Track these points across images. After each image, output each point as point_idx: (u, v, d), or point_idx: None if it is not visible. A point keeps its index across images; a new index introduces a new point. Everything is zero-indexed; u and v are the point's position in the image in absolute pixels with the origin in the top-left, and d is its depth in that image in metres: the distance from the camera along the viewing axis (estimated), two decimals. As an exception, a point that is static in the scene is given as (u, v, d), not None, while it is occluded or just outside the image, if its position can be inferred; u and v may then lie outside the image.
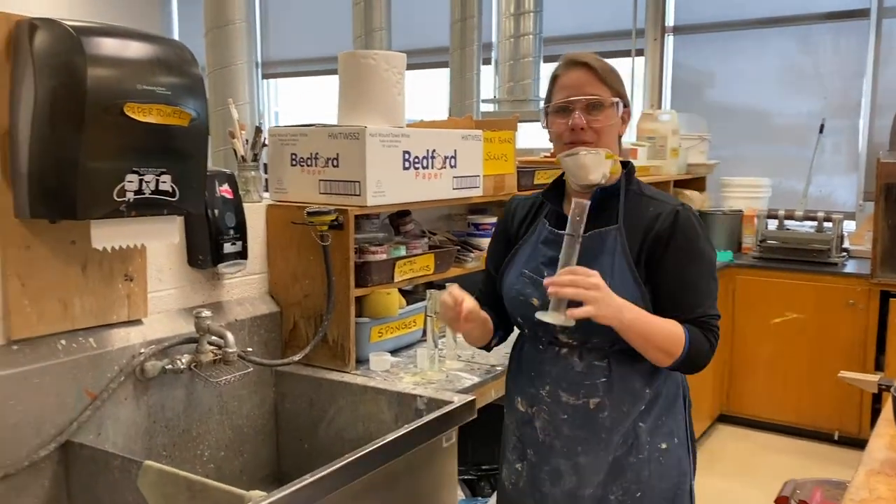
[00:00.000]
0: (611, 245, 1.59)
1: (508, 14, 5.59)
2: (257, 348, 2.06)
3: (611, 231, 1.59)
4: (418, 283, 2.39)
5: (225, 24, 4.75)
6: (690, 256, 1.58)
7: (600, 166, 1.59)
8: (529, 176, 2.84)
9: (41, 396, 1.57)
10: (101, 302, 1.70)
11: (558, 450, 1.66)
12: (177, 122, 1.52)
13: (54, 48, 1.42)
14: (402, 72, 2.18)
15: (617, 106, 1.61)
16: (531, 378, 1.70)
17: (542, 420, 1.68)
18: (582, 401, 1.63)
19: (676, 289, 1.57)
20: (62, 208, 1.47)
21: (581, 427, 1.63)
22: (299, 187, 2.15)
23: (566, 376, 1.64)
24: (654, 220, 1.59)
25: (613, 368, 1.61)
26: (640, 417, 1.63)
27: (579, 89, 1.59)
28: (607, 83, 1.60)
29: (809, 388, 4.23)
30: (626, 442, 1.62)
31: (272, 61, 7.78)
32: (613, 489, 1.62)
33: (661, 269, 1.57)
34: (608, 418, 1.62)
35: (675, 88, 5.76)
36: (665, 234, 1.57)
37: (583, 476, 1.64)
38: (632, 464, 1.62)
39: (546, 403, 1.67)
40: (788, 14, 5.23)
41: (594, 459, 1.63)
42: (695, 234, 1.59)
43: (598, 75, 1.60)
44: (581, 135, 1.58)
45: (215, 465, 1.97)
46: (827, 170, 5.12)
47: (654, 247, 1.57)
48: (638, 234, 1.59)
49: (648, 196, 1.65)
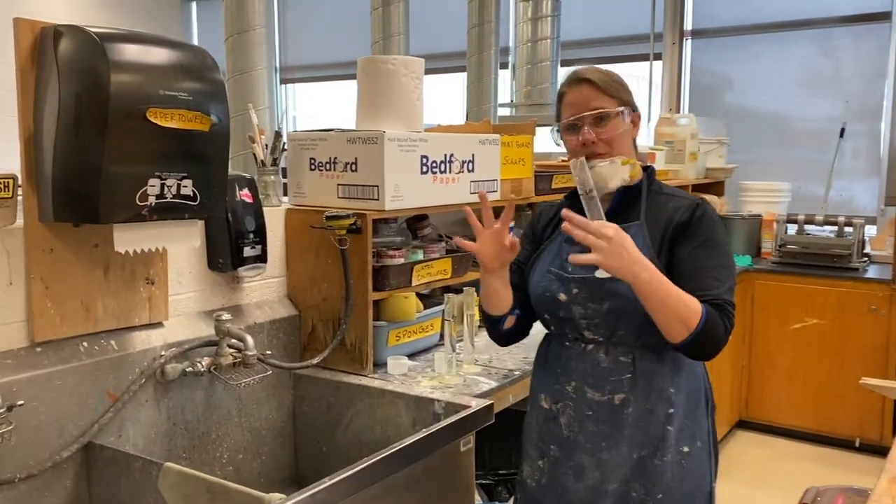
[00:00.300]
0: (632, 238, 1.59)
1: (526, 18, 5.60)
2: (276, 351, 2.07)
3: (632, 226, 1.63)
4: (436, 287, 2.39)
5: (245, 30, 4.79)
6: (706, 245, 1.61)
7: (617, 174, 1.65)
8: (547, 180, 2.84)
9: (64, 398, 1.59)
10: (122, 304, 1.72)
11: (582, 445, 1.68)
12: (198, 128, 1.54)
13: (78, 54, 1.44)
14: (420, 76, 2.19)
15: (623, 114, 1.66)
16: (557, 375, 1.73)
17: (566, 416, 1.70)
18: (607, 397, 1.66)
19: (693, 273, 1.58)
20: (85, 212, 1.48)
21: (605, 423, 1.66)
22: (318, 191, 2.17)
23: (592, 372, 1.67)
24: (674, 212, 1.64)
25: (638, 364, 1.64)
26: (668, 420, 1.65)
27: (584, 105, 1.65)
28: (610, 94, 1.65)
29: (830, 394, 4.19)
30: (653, 443, 1.65)
31: (290, 66, 7.82)
32: (636, 487, 1.65)
33: (678, 256, 1.61)
34: (632, 414, 1.64)
35: (694, 92, 5.73)
36: (683, 224, 1.62)
37: (606, 471, 1.66)
38: (656, 465, 1.64)
39: (571, 399, 1.70)
40: (808, 17, 5.19)
41: (617, 455, 1.65)
42: (711, 225, 1.62)
43: (601, 88, 1.65)
44: (593, 148, 1.65)
45: (234, 467, 1.98)
46: (847, 174, 5.08)
47: (674, 236, 1.62)
48: (659, 227, 1.63)
49: (668, 194, 1.71)
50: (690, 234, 1.61)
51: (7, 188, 1.46)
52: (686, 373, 1.68)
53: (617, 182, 1.65)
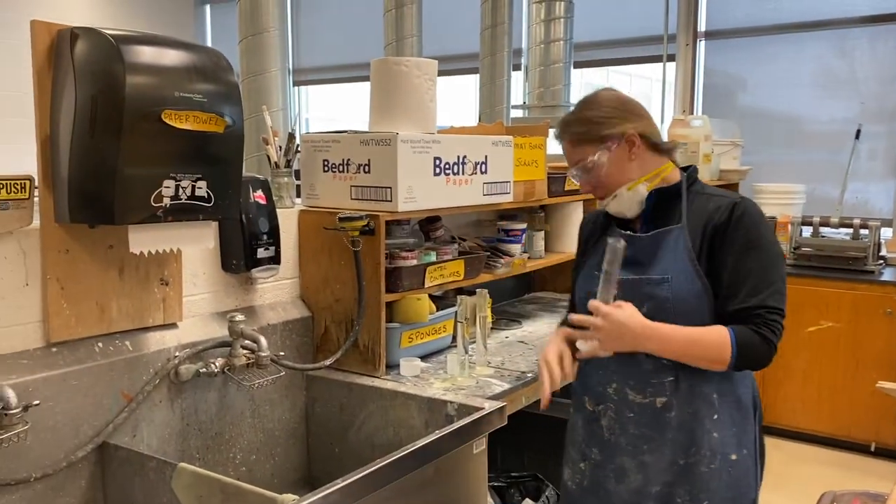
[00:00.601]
0: (672, 243, 1.63)
1: (539, 20, 5.59)
2: (289, 352, 2.08)
3: (673, 230, 1.64)
4: (448, 288, 2.39)
5: (259, 32, 4.80)
6: (747, 246, 1.58)
7: (632, 199, 1.68)
8: (560, 182, 2.84)
9: (79, 398, 1.60)
10: (137, 305, 1.73)
11: (623, 447, 1.68)
12: (213, 129, 1.54)
13: (94, 56, 1.45)
14: (433, 78, 2.19)
15: (602, 154, 1.66)
16: (599, 376, 1.73)
17: (608, 418, 1.71)
18: (649, 399, 1.65)
19: (733, 278, 1.58)
20: (101, 213, 1.49)
21: (647, 425, 1.66)
22: (331, 193, 2.17)
23: (634, 374, 1.67)
24: (714, 213, 1.62)
25: (681, 369, 1.62)
26: (713, 426, 1.64)
27: (570, 161, 1.72)
28: (586, 141, 1.67)
29: (845, 398, 4.15)
30: (700, 451, 1.63)
31: (302, 69, 7.85)
32: (681, 492, 1.64)
33: (719, 260, 1.59)
34: (675, 418, 1.63)
35: (707, 93, 5.69)
36: (722, 225, 1.60)
37: (648, 474, 1.66)
38: (703, 473, 1.63)
39: (613, 401, 1.70)
40: (824, 18, 5.15)
41: (659, 458, 1.65)
42: (752, 223, 1.60)
43: (575, 142, 1.69)
44: (594, 193, 1.72)
45: (247, 468, 1.99)
46: (863, 176, 5.03)
47: (713, 238, 1.60)
48: (699, 229, 1.62)
49: (709, 194, 1.69)
50: (731, 237, 1.58)
51: (24, 189, 1.47)
52: (732, 379, 1.66)
53: (633, 206, 1.69)
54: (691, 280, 1.59)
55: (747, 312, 1.55)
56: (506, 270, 2.62)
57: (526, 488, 2.64)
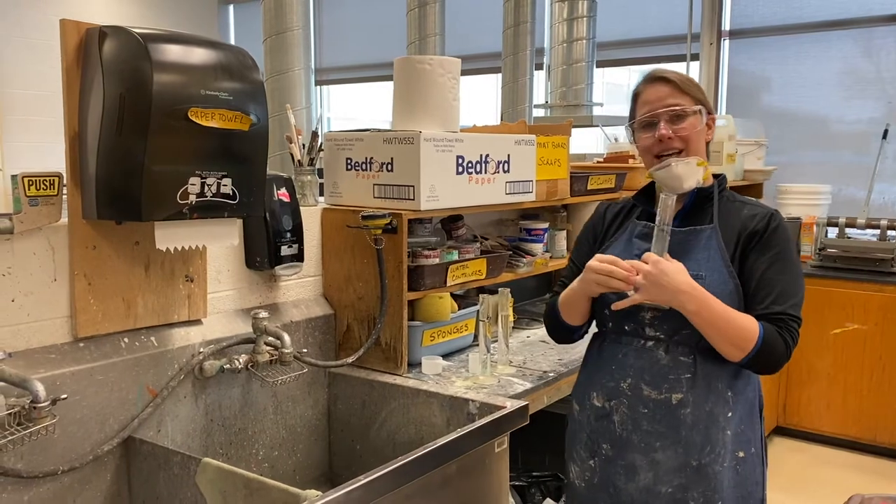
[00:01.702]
0: (705, 241, 1.65)
1: (561, 19, 5.56)
2: (311, 350, 2.09)
3: (706, 229, 1.66)
4: (470, 287, 2.39)
5: (283, 31, 4.82)
6: (779, 256, 1.61)
7: (694, 174, 1.66)
8: (583, 181, 2.82)
9: (105, 392, 1.62)
10: (162, 301, 1.74)
11: (635, 444, 1.67)
12: (238, 127, 1.56)
13: (122, 55, 1.47)
14: (456, 77, 2.19)
15: (701, 113, 1.67)
16: (611, 371, 1.72)
17: (620, 414, 1.70)
18: (664, 395, 1.65)
19: (763, 285, 1.60)
20: (128, 210, 1.51)
21: (660, 422, 1.65)
22: (354, 191, 2.18)
23: (650, 369, 1.66)
24: (750, 219, 1.65)
25: (699, 364, 1.63)
26: (726, 424, 1.64)
27: (661, 102, 1.66)
28: (688, 93, 1.67)
29: (871, 401, 4.10)
30: (714, 450, 1.63)
31: (324, 68, 7.88)
32: (694, 495, 1.64)
33: (750, 262, 1.62)
34: (690, 415, 1.63)
35: (732, 93, 5.64)
36: (759, 232, 1.63)
37: (659, 472, 1.65)
38: (716, 472, 1.63)
39: (626, 397, 1.69)
40: (850, 17, 5.09)
41: (672, 455, 1.64)
42: (787, 236, 1.64)
43: (678, 86, 1.66)
44: (669, 144, 1.66)
45: (269, 464, 2.00)
46: (890, 177, 4.96)
47: (748, 242, 1.63)
48: (733, 232, 1.64)
49: (741, 201, 1.72)
50: (765, 245, 1.62)
51: (52, 186, 1.49)
52: (745, 377, 1.68)
53: (692, 182, 1.66)
54: (724, 280, 1.61)
55: (772, 316, 1.57)
56: (527, 270, 2.61)
57: (547, 488, 2.63)
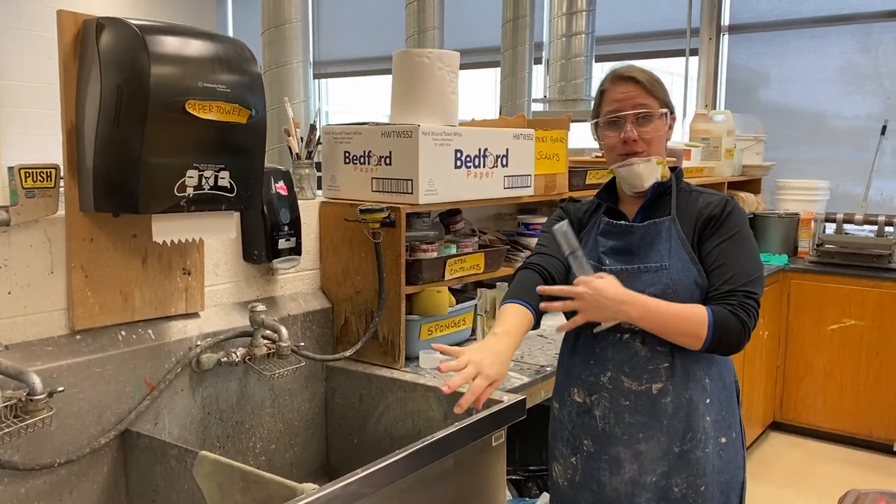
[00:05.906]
0: (665, 233, 1.68)
1: (560, 13, 5.56)
2: (309, 343, 2.09)
3: (665, 221, 1.69)
4: (468, 281, 2.39)
5: (282, 24, 4.81)
6: (734, 238, 1.65)
7: (653, 173, 1.70)
8: (581, 176, 2.82)
9: (102, 385, 1.62)
10: (159, 294, 1.74)
11: (618, 437, 1.68)
12: (236, 120, 1.55)
13: (119, 46, 1.46)
14: (455, 70, 2.19)
15: (665, 116, 1.70)
16: (590, 366, 1.73)
17: (602, 408, 1.70)
18: (645, 386, 1.66)
19: (718, 263, 1.63)
20: (125, 202, 1.51)
21: (642, 413, 1.66)
22: (352, 185, 2.17)
23: (630, 361, 1.68)
24: (706, 206, 1.69)
25: (676, 354, 1.65)
26: (706, 410, 1.66)
27: (628, 102, 1.67)
28: (654, 95, 1.68)
29: (867, 396, 4.11)
30: (695, 437, 1.65)
31: (322, 61, 7.86)
32: (678, 481, 1.66)
33: (707, 246, 1.66)
34: (670, 404, 1.65)
35: (730, 88, 5.64)
36: (715, 217, 1.67)
37: (643, 463, 1.66)
38: (699, 458, 1.65)
39: (607, 390, 1.70)
40: (849, 12, 5.08)
41: (655, 445, 1.66)
42: (741, 219, 1.68)
43: (646, 88, 1.68)
44: (633, 146, 1.68)
45: (266, 457, 2.00)
46: (888, 173, 4.96)
47: (705, 227, 1.67)
48: (691, 220, 1.68)
49: (697, 191, 1.76)
50: (720, 228, 1.65)
51: (49, 178, 1.49)
52: (719, 363, 1.71)
53: (651, 180, 1.70)
54: (688, 268, 1.64)
55: (727, 294, 1.59)
56: (525, 264, 2.61)
57: (543, 482, 2.64)
